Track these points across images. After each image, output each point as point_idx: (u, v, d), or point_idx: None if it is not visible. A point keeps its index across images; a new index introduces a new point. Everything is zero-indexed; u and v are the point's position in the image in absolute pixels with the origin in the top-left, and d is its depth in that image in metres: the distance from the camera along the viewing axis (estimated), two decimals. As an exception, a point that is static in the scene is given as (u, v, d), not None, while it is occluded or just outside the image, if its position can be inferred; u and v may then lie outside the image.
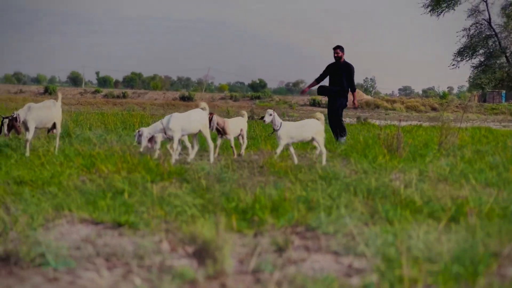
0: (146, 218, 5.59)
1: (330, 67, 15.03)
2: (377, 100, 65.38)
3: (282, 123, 10.40)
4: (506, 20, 48.35)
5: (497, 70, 49.81)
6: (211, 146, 10.47)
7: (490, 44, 49.49)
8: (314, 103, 62.93)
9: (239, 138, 11.88)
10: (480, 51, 49.66)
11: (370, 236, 4.91)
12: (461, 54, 49.58)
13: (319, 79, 15.08)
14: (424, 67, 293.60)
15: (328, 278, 3.99)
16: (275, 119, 10.37)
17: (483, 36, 49.11)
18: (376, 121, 30.95)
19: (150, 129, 10.14)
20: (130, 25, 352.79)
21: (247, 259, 4.47)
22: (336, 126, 14.65)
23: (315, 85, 15.18)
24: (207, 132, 10.46)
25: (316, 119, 10.69)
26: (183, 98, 74.89)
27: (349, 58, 15.40)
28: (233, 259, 4.40)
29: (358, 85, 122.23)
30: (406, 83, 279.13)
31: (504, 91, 67.11)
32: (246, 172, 8.78)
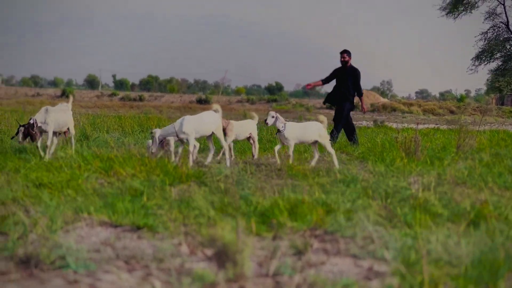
0: (165, 221, 5.60)
1: (337, 71, 15.08)
2: (393, 103, 65.27)
3: (286, 124, 10.42)
4: (524, 23, 48.04)
5: (515, 73, 49.45)
6: (226, 148, 10.46)
7: (508, 47, 49.16)
8: (331, 106, 62.68)
9: (249, 141, 11.84)
10: (498, 55, 49.31)
11: (389, 239, 4.90)
12: (479, 58, 49.26)
13: (325, 80, 15.13)
14: (441, 70, 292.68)
15: (348, 281, 3.99)
16: (278, 121, 10.37)
17: (501, 39, 48.78)
18: (393, 124, 30.86)
19: (162, 131, 10.16)
20: (147, 27, 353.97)
21: (266, 262, 4.47)
22: (348, 131, 14.65)
23: (320, 84, 15.25)
24: (220, 134, 10.42)
25: (319, 121, 10.70)
26: (200, 101, 75.23)
27: (366, 61, 15.47)
28: (252, 262, 4.41)
29: (375, 88, 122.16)
30: (423, 86, 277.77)
31: (523, 94, 66.72)
32: (264, 175, 8.78)
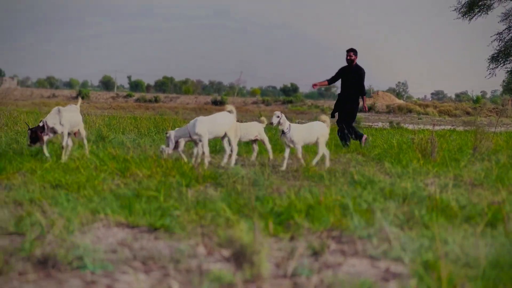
0: (182, 222, 5.61)
1: (343, 70, 15.06)
2: (409, 105, 65.12)
3: (291, 125, 10.40)
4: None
5: (531, 74, 49.17)
6: (235, 149, 10.46)
7: (524, 48, 48.85)
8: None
9: (253, 144, 11.82)
10: (514, 56, 49.01)
11: (406, 240, 4.89)
12: (495, 60, 48.96)
13: (330, 80, 15.12)
14: (457, 71, 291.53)
15: (366, 282, 3.98)
16: (282, 119, 10.34)
17: (517, 40, 48.48)
18: (409, 125, 30.82)
19: (177, 132, 10.18)
20: (163, 29, 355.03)
21: (283, 263, 4.47)
22: (350, 131, 14.60)
23: (326, 84, 15.24)
24: (232, 135, 10.42)
25: (322, 121, 10.70)
26: (215, 103, 75.31)
27: (381, 62, 15.45)
28: (269, 263, 4.40)
29: (391, 89, 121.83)
30: (438, 87, 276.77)
31: (539, 96, 66.34)
32: (280, 177, 8.78)
